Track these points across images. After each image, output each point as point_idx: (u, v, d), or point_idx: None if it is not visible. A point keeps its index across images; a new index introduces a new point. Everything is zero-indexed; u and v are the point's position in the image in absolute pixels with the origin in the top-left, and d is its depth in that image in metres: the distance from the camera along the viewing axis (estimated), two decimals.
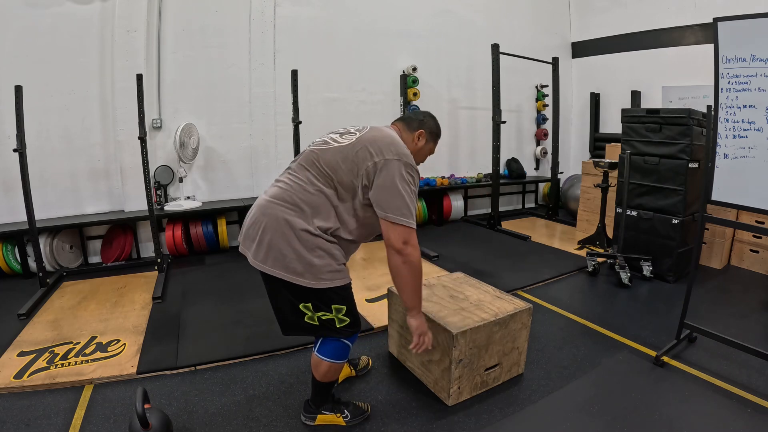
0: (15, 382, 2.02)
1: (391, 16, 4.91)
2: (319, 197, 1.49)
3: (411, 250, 1.48)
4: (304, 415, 1.80)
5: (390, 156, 1.47)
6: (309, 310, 1.53)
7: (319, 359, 1.63)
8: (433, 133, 1.76)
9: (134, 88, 3.29)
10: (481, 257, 3.98)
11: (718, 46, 1.99)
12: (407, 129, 1.72)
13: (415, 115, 1.77)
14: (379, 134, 1.56)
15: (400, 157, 1.48)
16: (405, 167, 1.48)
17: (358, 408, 1.83)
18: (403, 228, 1.46)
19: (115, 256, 3.82)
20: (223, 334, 2.54)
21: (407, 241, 1.47)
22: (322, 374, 1.65)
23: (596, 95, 6.03)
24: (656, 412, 1.85)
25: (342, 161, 1.50)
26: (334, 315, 1.54)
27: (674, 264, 3.38)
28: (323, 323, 1.55)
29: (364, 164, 1.47)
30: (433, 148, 1.80)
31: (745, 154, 1.97)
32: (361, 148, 1.50)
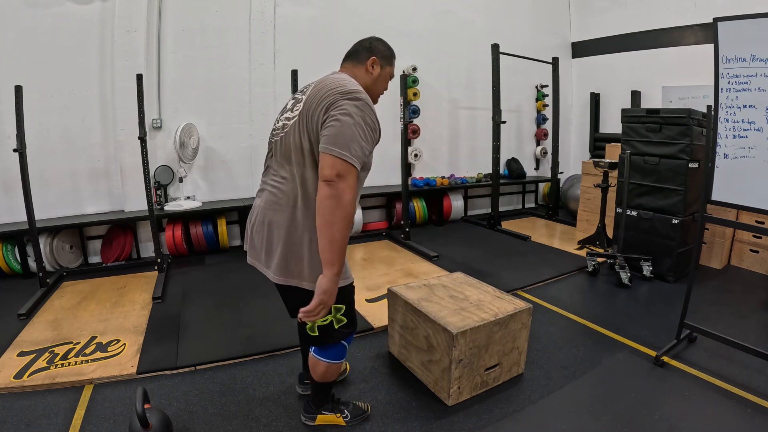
0: (15, 382, 2.02)
1: (391, 16, 4.91)
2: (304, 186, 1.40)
3: (343, 184, 1.23)
4: (304, 415, 1.80)
5: (341, 95, 1.32)
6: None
7: (317, 360, 1.61)
8: (386, 56, 1.59)
9: (134, 88, 3.29)
10: (481, 257, 3.98)
11: (718, 46, 1.99)
12: (357, 63, 1.56)
13: (360, 44, 1.59)
14: (324, 84, 1.40)
15: (350, 94, 1.33)
16: (352, 101, 1.31)
17: (358, 408, 1.83)
18: (341, 161, 1.24)
19: (115, 256, 3.82)
20: (223, 334, 2.54)
21: (341, 174, 1.23)
22: (320, 375, 1.64)
23: (596, 95, 6.03)
24: (656, 412, 1.85)
25: (302, 135, 1.37)
26: (332, 315, 1.50)
27: (674, 264, 3.38)
28: (322, 331, 1.52)
29: (319, 113, 1.33)
30: (391, 72, 1.64)
31: (745, 154, 1.97)
32: (311, 105, 1.36)
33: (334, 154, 1.25)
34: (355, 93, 1.34)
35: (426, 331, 1.99)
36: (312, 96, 1.38)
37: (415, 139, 5.13)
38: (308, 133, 1.36)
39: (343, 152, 1.25)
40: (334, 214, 1.24)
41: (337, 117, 1.29)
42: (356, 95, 1.33)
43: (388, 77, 1.64)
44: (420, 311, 2.02)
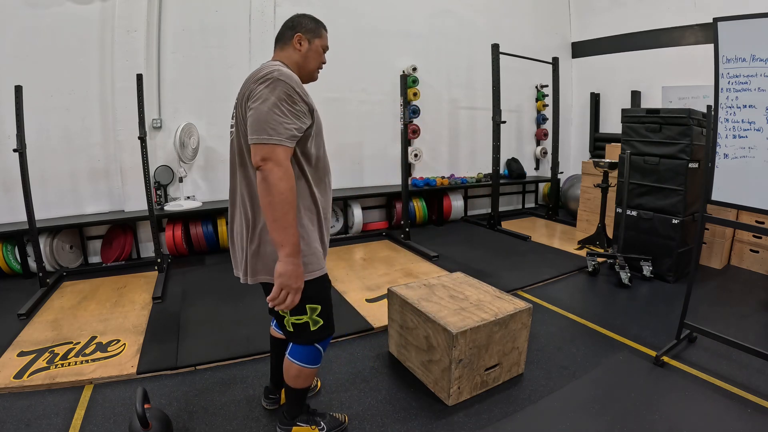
0: (15, 382, 2.02)
1: (391, 16, 4.91)
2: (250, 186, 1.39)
3: (270, 165, 1.23)
4: (280, 427, 1.69)
5: (251, 86, 1.32)
6: (284, 312, 1.45)
7: (290, 362, 1.54)
8: (311, 29, 1.53)
9: (134, 88, 3.29)
10: (481, 257, 3.98)
11: (718, 46, 1.99)
12: (284, 45, 1.53)
13: (284, 25, 1.55)
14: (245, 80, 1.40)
15: (259, 79, 1.31)
16: (264, 83, 1.29)
17: (335, 419, 1.75)
18: (261, 146, 1.24)
19: (115, 256, 3.82)
20: (223, 334, 2.54)
21: (266, 157, 1.23)
22: (292, 378, 1.56)
23: (596, 95, 6.03)
24: (656, 412, 1.85)
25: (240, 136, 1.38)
26: (308, 317, 1.45)
27: (674, 264, 3.38)
28: (296, 328, 1.47)
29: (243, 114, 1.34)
30: (323, 44, 1.57)
31: (745, 154, 1.97)
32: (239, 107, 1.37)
33: (254, 142, 1.25)
34: (266, 75, 1.31)
35: (426, 331, 1.99)
36: (239, 98, 1.39)
37: (415, 139, 5.13)
38: (242, 132, 1.36)
39: (261, 136, 1.24)
40: (268, 195, 1.24)
41: (251, 106, 1.29)
42: (266, 76, 1.30)
43: (320, 50, 1.57)
44: (420, 311, 2.02)
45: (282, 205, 1.24)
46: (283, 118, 1.27)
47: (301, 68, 1.51)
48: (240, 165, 1.41)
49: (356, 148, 4.89)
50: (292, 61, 1.49)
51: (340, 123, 4.69)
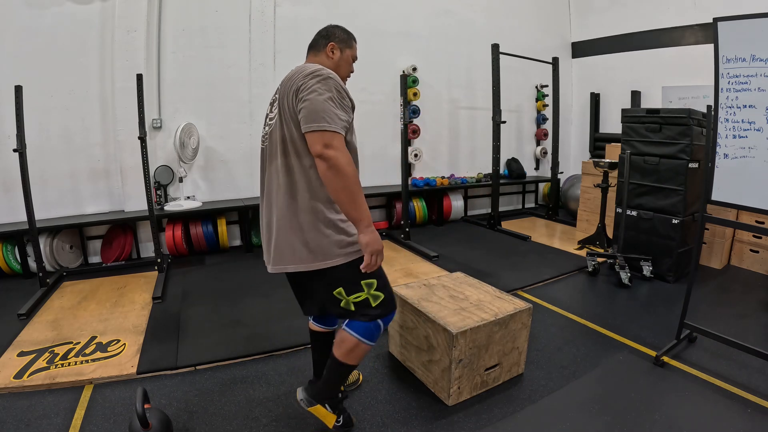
0: (15, 382, 2.02)
1: (391, 16, 4.91)
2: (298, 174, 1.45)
3: (333, 152, 1.31)
4: (303, 394, 1.73)
5: (300, 81, 1.41)
6: (342, 295, 1.50)
7: (347, 334, 1.56)
8: (343, 39, 1.65)
9: (134, 88, 3.29)
10: (481, 257, 3.98)
11: (718, 46, 1.99)
12: (317, 52, 1.64)
13: (318, 34, 1.67)
14: (289, 75, 1.50)
15: (315, 73, 1.41)
16: (314, 77, 1.39)
17: (350, 420, 1.77)
18: (321, 133, 1.32)
19: (115, 256, 3.82)
20: (223, 334, 2.54)
21: (328, 143, 1.32)
22: (345, 352, 1.57)
23: (596, 95, 6.03)
24: (656, 412, 1.85)
25: (284, 126, 1.46)
26: (366, 293, 1.51)
27: (674, 264, 3.38)
28: (358, 307, 1.52)
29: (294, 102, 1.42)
30: (353, 54, 1.70)
31: (745, 154, 1.97)
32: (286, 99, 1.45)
33: (314, 130, 1.33)
34: (316, 71, 1.41)
35: (426, 331, 1.99)
36: (283, 91, 1.47)
37: (415, 139, 5.13)
38: (288, 122, 1.44)
39: (321, 124, 1.33)
40: (340, 180, 1.33)
41: (305, 98, 1.37)
42: (316, 72, 1.41)
43: (351, 59, 1.70)
44: (420, 311, 2.02)
45: (354, 186, 1.36)
46: (337, 110, 1.37)
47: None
48: (282, 154, 1.47)
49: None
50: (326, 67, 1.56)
51: None
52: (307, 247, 1.45)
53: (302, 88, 1.39)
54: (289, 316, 2.75)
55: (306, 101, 1.36)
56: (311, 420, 1.81)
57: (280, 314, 2.79)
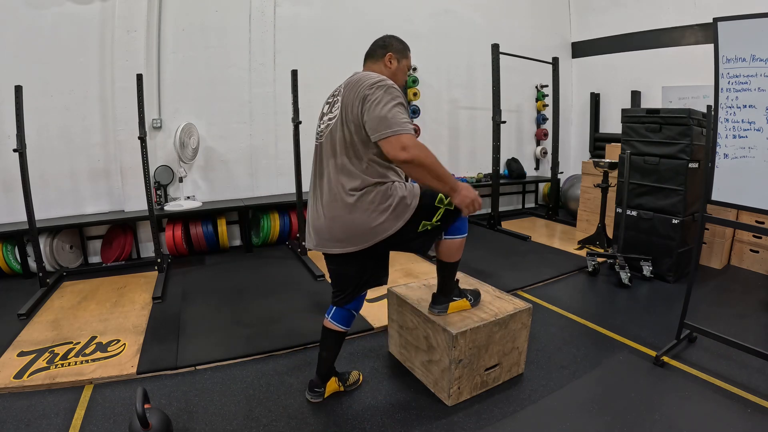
0: (15, 382, 2.02)
1: (391, 15, 4.90)
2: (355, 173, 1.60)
3: (412, 152, 1.46)
4: (435, 307, 1.97)
5: (366, 91, 1.54)
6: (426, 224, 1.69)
7: (450, 240, 1.82)
8: (400, 50, 1.81)
9: (134, 88, 3.29)
10: (481, 257, 3.98)
11: (718, 46, 1.99)
12: (376, 60, 1.79)
13: (375, 44, 1.81)
14: (353, 81, 1.63)
15: (374, 84, 1.55)
16: (380, 88, 1.54)
17: (474, 291, 2.09)
18: (397, 137, 1.47)
19: (115, 256, 3.82)
20: (223, 334, 2.54)
21: (405, 146, 1.46)
22: (454, 252, 1.85)
23: (596, 95, 6.03)
24: (656, 412, 1.85)
25: (345, 127, 1.60)
26: (443, 206, 1.71)
27: (674, 264, 3.38)
28: (443, 219, 1.73)
29: (357, 106, 1.55)
30: (408, 64, 1.85)
31: (745, 154, 1.97)
32: (348, 106, 1.59)
33: (388, 136, 1.47)
34: (379, 81, 1.56)
35: (426, 331, 1.99)
36: (347, 95, 1.61)
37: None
38: (349, 125, 1.58)
39: (394, 129, 1.47)
40: (429, 172, 1.51)
41: (373, 107, 1.51)
42: (380, 82, 1.56)
43: (406, 69, 1.85)
44: (420, 311, 2.02)
45: (440, 169, 1.53)
46: (402, 115, 1.52)
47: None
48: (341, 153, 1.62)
49: None
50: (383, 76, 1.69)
51: None
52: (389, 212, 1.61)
53: (368, 98, 1.53)
54: (289, 316, 2.76)
55: (373, 111, 1.50)
56: (311, 420, 1.81)
57: (280, 314, 2.79)
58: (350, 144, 1.59)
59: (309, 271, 3.56)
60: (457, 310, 1.99)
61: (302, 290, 3.20)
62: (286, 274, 3.55)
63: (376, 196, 1.60)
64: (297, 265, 3.77)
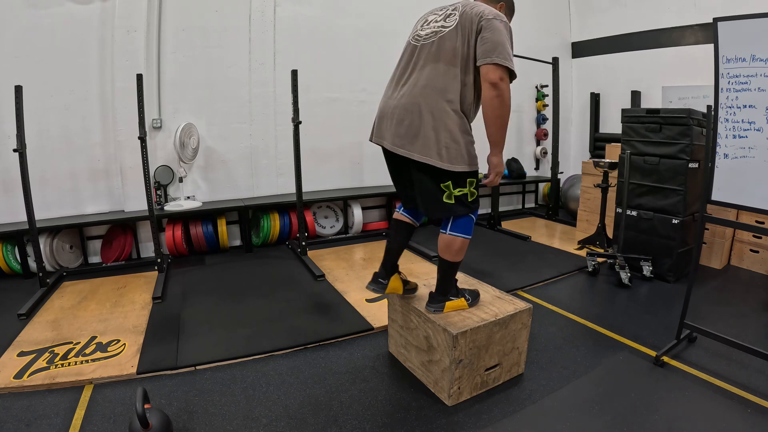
0: (15, 382, 2.02)
1: (391, 16, 4.90)
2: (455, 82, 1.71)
3: (505, 86, 1.63)
4: (432, 306, 1.97)
5: (491, 16, 1.69)
6: (449, 188, 1.78)
7: (453, 237, 1.85)
8: (510, 7, 2.00)
9: (134, 88, 3.29)
10: (481, 257, 3.98)
11: (718, 46, 1.99)
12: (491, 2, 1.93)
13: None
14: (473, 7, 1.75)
15: (497, 16, 1.70)
16: (503, 24, 1.69)
17: (472, 291, 2.07)
18: (502, 68, 1.63)
19: (115, 256, 3.82)
20: (223, 334, 2.54)
21: (503, 77, 1.63)
22: (455, 252, 1.87)
23: (596, 95, 6.03)
24: (656, 412, 1.85)
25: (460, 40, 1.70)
26: (468, 189, 1.81)
27: (674, 264, 3.38)
28: (458, 199, 1.80)
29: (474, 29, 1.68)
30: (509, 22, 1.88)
31: (745, 154, 1.97)
32: (467, 20, 1.71)
33: (496, 62, 1.62)
34: (499, 15, 1.71)
35: (426, 331, 1.99)
36: (466, 16, 1.73)
37: None
38: (466, 40, 1.70)
39: (505, 60, 1.63)
40: (501, 109, 1.66)
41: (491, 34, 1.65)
42: (501, 17, 1.71)
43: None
44: (420, 311, 2.02)
45: (507, 116, 1.69)
46: (511, 51, 1.68)
47: None
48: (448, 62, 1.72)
49: (356, 148, 4.89)
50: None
51: (340, 123, 4.69)
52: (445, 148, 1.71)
53: (488, 25, 1.66)
54: (289, 316, 2.76)
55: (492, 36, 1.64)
56: (311, 420, 1.81)
57: (280, 314, 2.80)
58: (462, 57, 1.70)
59: (309, 271, 3.56)
60: (454, 309, 1.98)
61: (302, 290, 3.20)
62: (286, 274, 3.55)
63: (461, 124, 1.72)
64: (297, 265, 3.77)
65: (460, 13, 1.74)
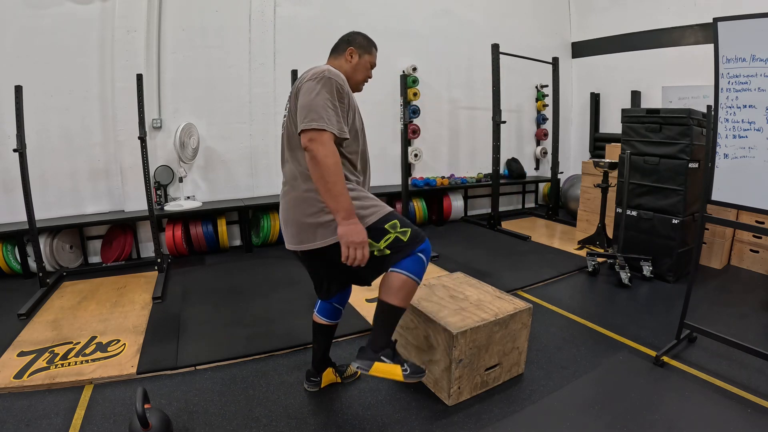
0: (15, 382, 2.02)
1: (391, 16, 4.91)
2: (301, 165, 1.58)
3: (316, 145, 1.43)
4: (359, 362, 1.64)
5: (305, 79, 1.53)
6: (373, 245, 1.54)
7: (395, 274, 1.56)
8: (363, 46, 1.76)
9: (134, 88, 3.29)
10: (481, 257, 3.98)
11: (718, 46, 1.99)
12: (338, 55, 1.76)
13: (340, 39, 1.79)
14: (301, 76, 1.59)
15: (314, 76, 1.51)
16: (315, 80, 1.49)
17: (416, 365, 1.69)
18: (310, 131, 1.44)
19: (115, 256, 3.82)
20: (223, 334, 2.54)
21: (312, 138, 1.43)
22: (394, 291, 1.56)
23: (596, 95, 6.03)
24: (656, 412, 1.85)
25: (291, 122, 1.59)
26: (393, 233, 1.57)
27: (674, 264, 3.38)
28: (391, 247, 1.56)
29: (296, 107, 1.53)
30: (371, 60, 1.80)
31: (745, 154, 1.97)
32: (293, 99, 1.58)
33: (303, 128, 1.45)
34: (318, 73, 1.51)
35: (426, 331, 1.99)
36: (294, 89, 1.60)
37: (415, 139, 5.13)
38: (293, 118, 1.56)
39: (310, 123, 1.44)
40: (318, 171, 1.44)
41: (301, 97, 1.50)
42: (318, 75, 1.51)
43: (368, 65, 1.79)
44: (420, 311, 2.02)
45: (331, 176, 1.44)
46: (329, 107, 1.47)
47: (349, 78, 1.70)
48: (290, 148, 1.63)
49: None
50: (342, 70, 1.68)
51: None
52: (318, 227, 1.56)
53: (302, 90, 1.51)
54: (289, 316, 2.76)
55: (302, 99, 1.49)
56: (311, 420, 1.81)
57: (280, 314, 2.79)
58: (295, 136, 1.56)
59: None
60: (383, 375, 1.63)
61: (302, 290, 3.20)
62: (286, 274, 3.54)
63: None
64: (297, 265, 3.75)
65: (293, 89, 1.60)
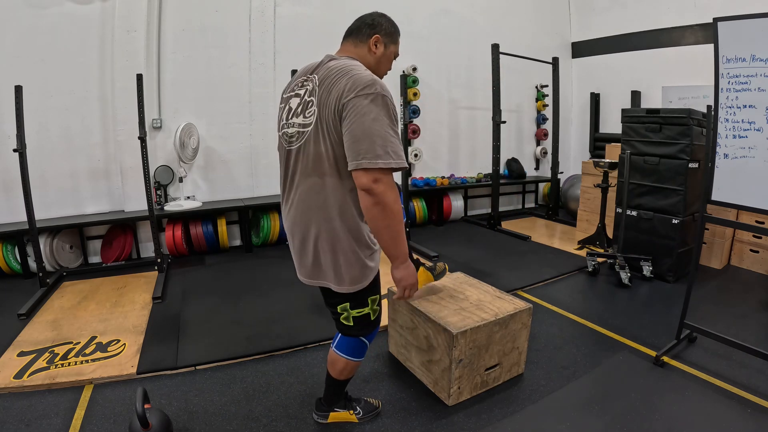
0: (15, 382, 2.02)
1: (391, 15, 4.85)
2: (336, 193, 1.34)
3: (383, 188, 1.22)
4: (317, 413, 1.80)
5: (352, 93, 1.23)
6: (347, 309, 1.50)
7: (337, 356, 1.61)
8: (390, 33, 1.48)
9: (134, 88, 3.29)
10: (481, 257, 3.98)
11: (718, 46, 1.99)
12: (358, 42, 1.46)
13: (361, 20, 1.49)
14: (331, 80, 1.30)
15: (359, 90, 1.23)
16: (372, 97, 1.22)
17: (370, 404, 1.85)
18: (373, 170, 1.21)
19: (115, 256, 3.82)
20: (223, 334, 2.54)
21: (378, 179, 1.21)
22: (338, 371, 1.64)
23: (596, 95, 6.03)
24: (656, 412, 1.85)
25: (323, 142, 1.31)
26: (369, 308, 1.52)
27: (674, 264, 3.38)
28: (357, 321, 1.52)
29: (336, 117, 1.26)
30: (396, 51, 1.54)
31: (745, 154, 1.97)
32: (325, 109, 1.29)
33: (364, 167, 1.21)
34: (367, 86, 1.23)
35: (426, 331, 1.99)
36: (323, 98, 1.29)
37: (415, 139, 5.13)
38: (327, 137, 1.30)
39: (374, 161, 1.21)
40: (384, 217, 1.26)
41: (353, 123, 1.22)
42: (368, 89, 1.23)
43: (392, 57, 1.53)
44: (420, 311, 2.02)
45: (398, 225, 1.29)
46: (394, 138, 1.24)
47: (372, 72, 1.36)
48: (315, 173, 1.34)
49: None
50: (365, 62, 1.42)
51: None
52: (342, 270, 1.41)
53: (351, 111, 1.22)
54: (289, 316, 2.76)
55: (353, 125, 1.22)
56: (311, 420, 1.81)
57: (280, 314, 2.79)
58: (334, 159, 1.31)
59: None
60: (338, 421, 1.79)
61: (302, 290, 3.19)
62: (286, 274, 3.54)
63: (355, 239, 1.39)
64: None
65: (318, 96, 1.31)
